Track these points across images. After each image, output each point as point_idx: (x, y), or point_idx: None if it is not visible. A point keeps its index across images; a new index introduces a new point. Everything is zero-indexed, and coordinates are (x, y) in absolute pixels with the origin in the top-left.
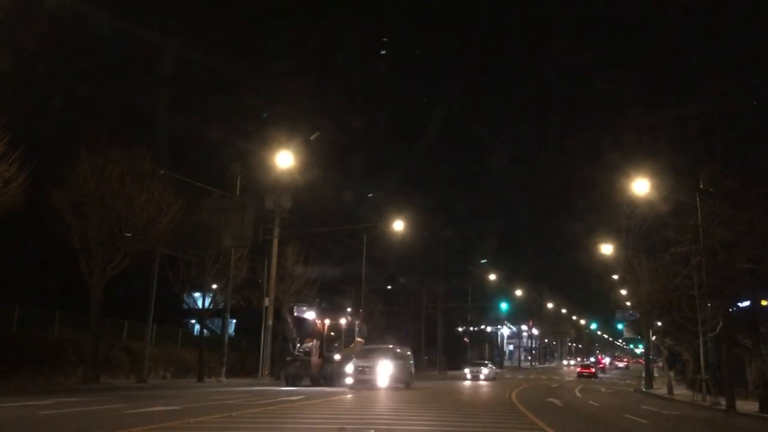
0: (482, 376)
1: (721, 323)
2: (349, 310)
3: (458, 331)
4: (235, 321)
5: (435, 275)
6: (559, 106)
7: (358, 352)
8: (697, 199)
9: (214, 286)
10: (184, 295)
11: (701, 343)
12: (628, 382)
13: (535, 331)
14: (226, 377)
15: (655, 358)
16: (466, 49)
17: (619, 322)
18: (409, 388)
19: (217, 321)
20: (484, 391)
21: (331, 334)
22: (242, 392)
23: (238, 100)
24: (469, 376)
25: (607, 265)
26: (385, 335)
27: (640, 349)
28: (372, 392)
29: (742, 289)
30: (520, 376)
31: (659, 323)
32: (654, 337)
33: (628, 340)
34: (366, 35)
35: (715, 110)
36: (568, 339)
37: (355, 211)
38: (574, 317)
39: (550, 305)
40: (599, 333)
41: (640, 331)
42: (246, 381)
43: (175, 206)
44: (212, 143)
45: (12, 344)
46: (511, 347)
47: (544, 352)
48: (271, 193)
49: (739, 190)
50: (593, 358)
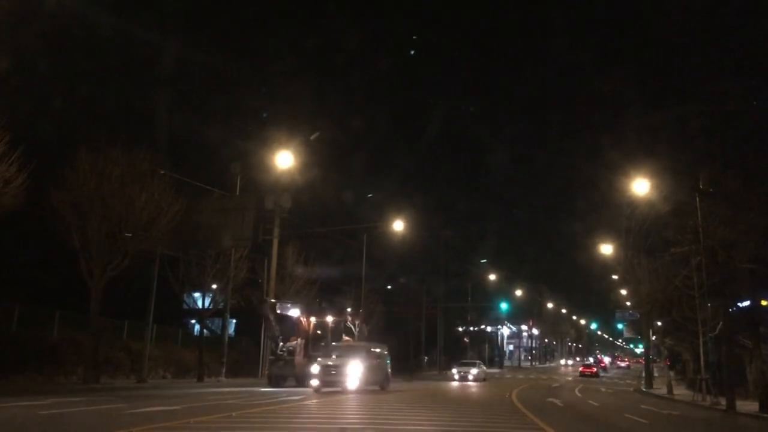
0: (471, 377)
1: (721, 323)
2: (349, 310)
3: (458, 331)
4: (235, 321)
5: (435, 275)
6: (559, 106)
7: (325, 350)
8: (697, 199)
9: (214, 286)
10: (184, 295)
11: (701, 343)
12: (629, 381)
13: (535, 331)
14: (226, 377)
15: (655, 358)
16: (466, 49)
17: (619, 322)
18: (385, 391)
19: (217, 321)
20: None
21: (318, 332)
22: (242, 392)
23: (238, 100)
24: (457, 377)
25: (607, 265)
26: (386, 335)
27: (640, 349)
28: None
29: (742, 289)
30: (520, 376)
31: (659, 323)
32: (654, 337)
33: (628, 340)
34: (366, 35)
35: (715, 110)
36: (568, 339)
37: (355, 211)
38: (574, 317)
39: (550, 305)
40: (599, 333)
41: (640, 331)
42: (246, 381)
43: (175, 206)
44: (212, 143)
45: (12, 344)
46: (511, 347)
47: (544, 352)
48: (271, 193)
49: (739, 190)
50: (592, 359)
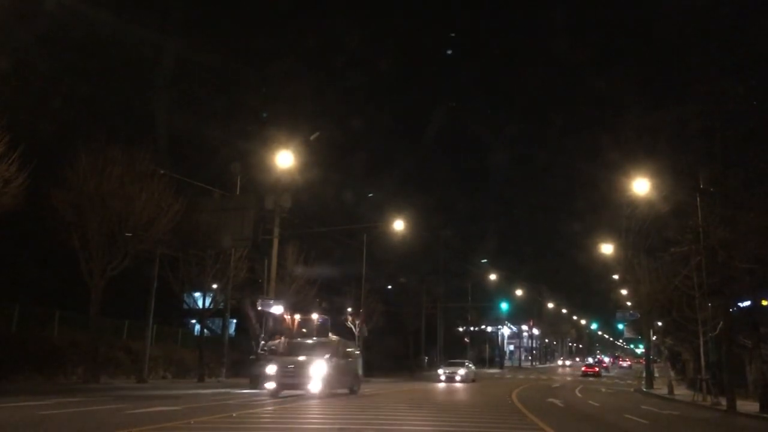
0: (458, 378)
1: (721, 323)
2: (349, 310)
3: (458, 331)
4: (235, 321)
5: (435, 275)
6: (559, 106)
7: (283, 347)
8: (697, 199)
9: (214, 286)
10: (184, 295)
11: (701, 343)
12: (629, 381)
13: (536, 331)
14: (227, 377)
15: (656, 358)
16: (467, 49)
17: (620, 322)
18: (355, 395)
19: (217, 321)
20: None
21: (303, 330)
22: (241, 394)
23: (238, 100)
24: (443, 378)
25: (607, 265)
26: (386, 335)
27: (640, 349)
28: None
29: (742, 289)
30: (521, 376)
31: (659, 323)
32: (654, 337)
33: (629, 340)
34: (366, 35)
35: (715, 110)
36: (569, 339)
37: (355, 211)
38: (575, 317)
39: (551, 305)
40: (600, 333)
41: (641, 331)
42: (246, 381)
43: (175, 206)
44: (212, 143)
45: (12, 344)
46: (512, 347)
47: (544, 352)
48: (271, 193)
49: (739, 190)
50: (591, 359)
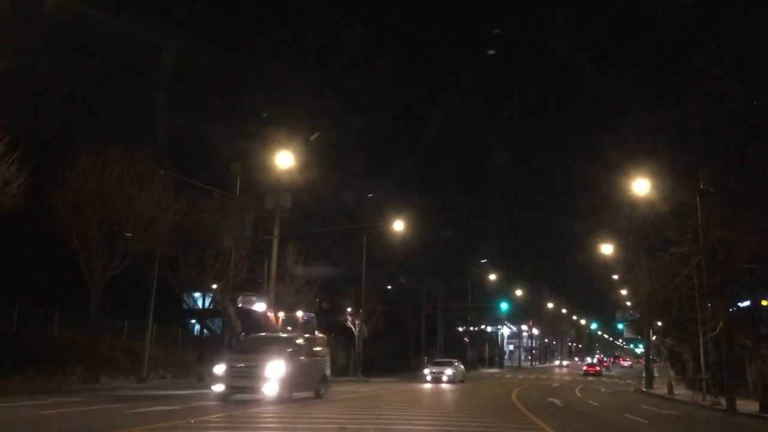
0: (445, 378)
1: (721, 323)
2: (349, 310)
3: (458, 331)
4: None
5: (435, 275)
6: (559, 106)
7: (236, 345)
8: (697, 199)
9: (214, 286)
10: (184, 295)
11: (701, 343)
12: (629, 381)
13: (536, 331)
14: None
15: (656, 358)
16: (467, 49)
17: (620, 322)
18: (321, 400)
19: (217, 321)
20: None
21: (288, 328)
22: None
23: (238, 100)
24: (429, 378)
25: (607, 265)
26: (386, 335)
27: (640, 349)
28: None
29: (742, 289)
30: (520, 376)
31: (659, 323)
32: (654, 337)
33: (629, 340)
34: (366, 35)
35: (715, 110)
36: (569, 339)
37: (355, 211)
38: (575, 317)
39: (550, 305)
40: (599, 333)
41: (641, 331)
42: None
43: (175, 206)
44: (212, 143)
45: (12, 344)
46: (512, 347)
47: (544, 352)
48: (271, 193)
49: (739, 190)
50: (590, 359)
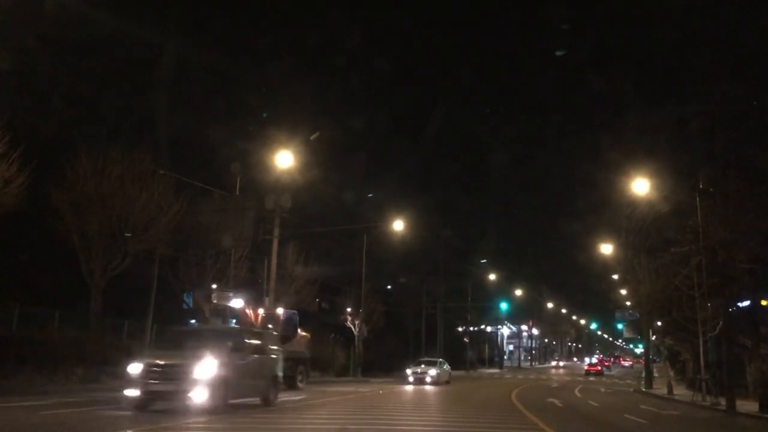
0: (429, 379)
1: (721, 323)
2: (349, 310)
3: (458, 331)
4: (234, 321)
5: (435, 275)
6: (559, 106)
7: (158, 341)
8: (697, 199)
9: (214, 286)
10: (184, 295)
11: (701, 343)
12: (629, 381)
13: (535, 331)
14: None
15: (655, 358)
16: (466, 49)
17: (619, 322)
18: (270, 407)
19: (217, 321)
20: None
21: (268, 326)
22: None
23: (238, 100)
24: (412, 379)
25: (607, 265)
26: (386, 335)
27: (639, 349)
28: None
29: (742, 289)
30: (520, 376)
31: (659, 323)
32: (654, 337)
33: (628, 340)
34: (366, 35)
35: (715, 110)
36: (568, 339)
37: (355, 211)
38: (574, 317)
39: (550, 305)
40: (599, 333)
41: (640, 331)
42: None
43: (175, 206)
44: (212, 143)
45: (12, 344)
46: (511, 347)
47: (544, 352)
48: (271, 193)
49: (739, 190)
50: (588, 359)
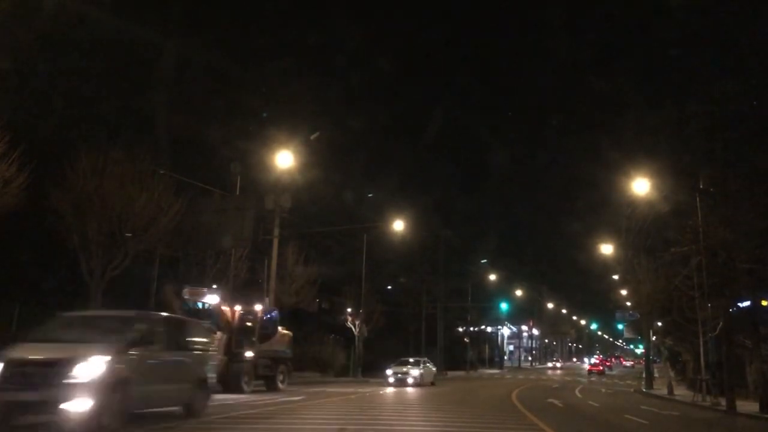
0: (411, 381)
1: (721, 323)
2: (349, 310)
3: (458, 331)
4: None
5: (435, 275)
6: (559, 106)
7: (40, 331)
8: (697, 199)
9: (214, 286)
10: None
11: (701, 343)
12: (629, 382)
13: (536, 332)
14: None
15: (656, 359)
16: (466, 49)
17: (620, 323)
18: (194, 419)
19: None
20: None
21: (247, 324)
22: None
23: (238, 100)
24: (392, 381)
25: (607, 265)
26: (386, 335)
27: (640, 350)
28: None
29: (742, 289)
30: (520, 377)
31: (659, 323)
32: (654, 338)
33: (629, 341)
34: (366, 35)
35: (715, 110)
36: (569, 339)
37: (355, 211)
38: (575, 317)
39: (550, 305)
40: (599, 333)
41: (641, 332)
42: None
43: (175, 206)
44: (212, 143)
45: (12, 344)
46: (512, 347)
47: (544, 353)
48: (271, 193)
49: (739, 190)
50: (588, 359)
